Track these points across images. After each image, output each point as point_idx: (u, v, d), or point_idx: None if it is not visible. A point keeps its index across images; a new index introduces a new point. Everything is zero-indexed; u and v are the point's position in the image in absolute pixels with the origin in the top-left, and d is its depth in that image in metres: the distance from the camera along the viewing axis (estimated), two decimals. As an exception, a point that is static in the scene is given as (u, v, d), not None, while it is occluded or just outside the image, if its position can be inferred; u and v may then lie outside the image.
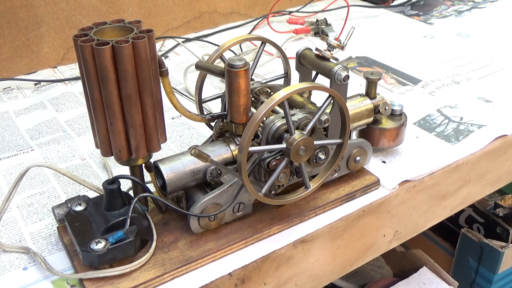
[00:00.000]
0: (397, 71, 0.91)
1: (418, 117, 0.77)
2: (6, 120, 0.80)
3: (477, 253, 1.03)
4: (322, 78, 0.60)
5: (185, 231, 0.55)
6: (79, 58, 0.47)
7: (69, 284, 0.51)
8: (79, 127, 0.78)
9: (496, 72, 0.90)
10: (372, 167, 0.64)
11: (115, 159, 0.51)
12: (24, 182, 0.65)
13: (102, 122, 0.49)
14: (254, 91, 0.60)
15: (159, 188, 0.54)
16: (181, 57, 1.01)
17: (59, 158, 0.70)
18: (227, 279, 0.52)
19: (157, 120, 0.51)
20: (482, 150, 0.69)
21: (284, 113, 0.50)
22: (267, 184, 0.52)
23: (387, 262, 1.08)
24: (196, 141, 0.73)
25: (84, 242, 0.49)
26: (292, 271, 0.57)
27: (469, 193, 0.72)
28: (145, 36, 0.46)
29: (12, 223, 0.59)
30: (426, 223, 0.69)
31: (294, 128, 0.50)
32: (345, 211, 0.59)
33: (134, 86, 0.47)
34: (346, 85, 0.57)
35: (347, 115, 0.54)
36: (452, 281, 0.97)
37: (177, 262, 0.51)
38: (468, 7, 1.21)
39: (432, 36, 1.06)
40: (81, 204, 0.53)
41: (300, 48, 0.62)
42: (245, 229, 0.55)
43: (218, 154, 0.54)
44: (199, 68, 0.58)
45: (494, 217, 1.06)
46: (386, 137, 0.65)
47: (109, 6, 1.00)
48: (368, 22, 1.15)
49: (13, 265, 0.53)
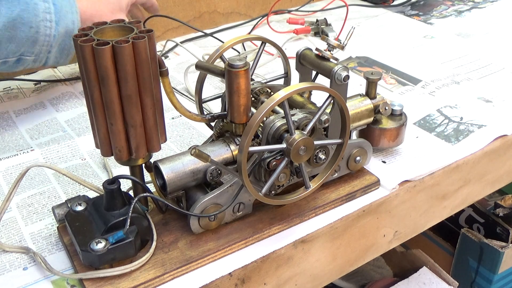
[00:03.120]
0: (397, 71, 0.91)
1: (418, 117, 0.77)
2: (6, 120, 0.80)
3: (477, 253, 1.03)
4: (322, 78, 0.60)
5: (185, 231, 0.55)
6: (79, 58, 0.47)
7: (69, 284, 0.51)
8: (79, 127, 0.78)
9: (496, 72, 0.90)
10: (372, 167, 0.64)
11: (115, 159, 0.51)
12: (24, 182, 0.65)
13: (102, 122, 0.49)
14: (254, 91, 0.60)
15: (159, 188, 0.54)
16: (181, 57, 1.01)
17: (59, 158, 0.70)
18: (227, 279, 0.52)
19: (157, 120, 0.51)
20: (482, 150, 0.69)
21: (284, 113, 0.50)
22: (267, 184, 0.52)
23: (387, 262, 1.08)
24: (196, 141, 0.73)
25: (84, 242, 0.49)
26: (292, 271, 0.57)
27: (469, 193, 0.72)
28: (145, 36, 0.46)
29: (12, 223, 0.59)
30: (426, 223, 0.69)
31: (294, 128, 0.51)
32: (345, 211, 0.59)
33: (134, 86, 0.47)
34: (346, 85, 0.57)
35: (347, 115, 0.54)
36: (452, 281, 0.97)
37: (177, 262, 0.51)
38: (468, 7, 1.21)
39: (432, 36, 1.06)
40: (81, 204, 0.53)
41: (300, 48, 0.62)
42: (245, 229, 0.55)
43: (218, 154, 0.54)
44: (199, 68, 0.58)
45: (494, 217, 1.06)
46: (386, 137, 0.65)
47: (109, 6, 1.00)
48: (368, 22, 1.15)
49: (13, 265, 0.53)
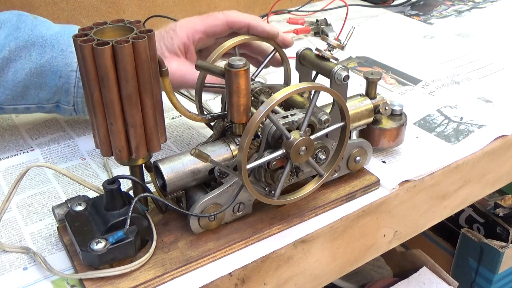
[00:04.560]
0: (397, 71, 0.91)
1: (418, 117, 0.77)
2: (6, 120, 0.80)
3: (477, 253, 1.03)
4: (322, 78, 0.60)
5: (185, 231, 0.55)
6: (79, 58, 0.47)
7: (69, 284, 0.51)
8: (79, 127, 0.78)
9: (496, 72, 0.90)
10: (372, 167, 0.64)
11: (115, 159, 0.51)
12: (24, 182, 0.65)
13: (102, 122, 0.49)
14: (254, 91, 0.60)
15: (159, 188, 0.54)
16: (181, 57, 1.01)
17: (59, 158, 0.70)
18: (227, 279, 0.52)
19: (157, 120, 0.51)
20: (482, 150, 0.69)
21: (272, 122, 0.50)
22: (278, 187, 0.52)
23: (387, 262, 1.08)
24: (196, 141, 0.73)
25: (84, 242, 0.49)
26: (292, 271, 0.57)
27: (469, 193, 0.72)
28: (145, 36, 0.46)
29: (12, 223, 0.59)
30: (426, 223, 0.69)
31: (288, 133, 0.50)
32: (345, 211, 0.59)
33: (134, 86, 0.47)
34: (346, 85, 0.57)
35: (347, 115, 0.54)
36: (452, 281, 0.97)
37: (177, 262, 0.51)
38: (468, 7, 1.21)
39: (432, 36, 1.06)
40: (81, 204, 0.53)
41: (300, 48, 0.62)
42: (245, 229, 0.55)
43: (218, 154, 0.54)
44: (199, 68, 0.58)
45: (494, 217, 1.06)
46: (386, 137, 0.65)
47: (109, 6, 1.00)
48: (368, 22, 1.15)
49: (13, 265, 0.53)
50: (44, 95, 0.67)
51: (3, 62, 0.64)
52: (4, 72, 0.65)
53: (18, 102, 0.67)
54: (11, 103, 0.67)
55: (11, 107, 0.68)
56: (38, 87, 0.66)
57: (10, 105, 0.67)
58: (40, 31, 0.65)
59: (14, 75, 0.65)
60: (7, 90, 0.66)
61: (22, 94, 0.66)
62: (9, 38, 0.64)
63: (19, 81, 0.65)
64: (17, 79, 0.65)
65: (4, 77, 0.65)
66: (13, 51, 0.64)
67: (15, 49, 0.64)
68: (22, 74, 0.65)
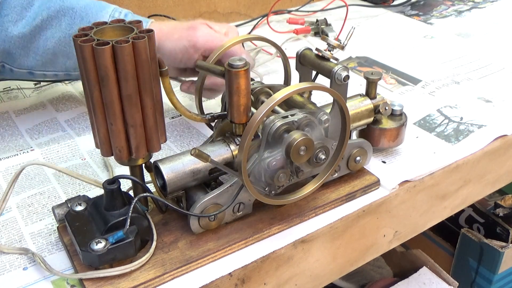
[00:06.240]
0: (397, 71, 0.91)
1: (418, 117, 0.77)
2: (6, 120, 0.80)
3: (477, 253, 1.03)
4: (322, 78, 0.60)
5: (185, 231, 0.55)
6: (79, 58, 0.47)
7: (69, 284, 0.51)
8: (79, 127, 0.78)
9: (496, 72, 0.90)
10: (372, 167, 0.64)
11: (115, 159, 0.51)
12: (24, 182, 0.65)
13: (102, 122, 0.49)
14: (254, 91, 0.60)
15: (159, 188, 0.54)
16: (181, 57, 1.01)
17: (59, 158, 0.70)
18: (227, 279, 0.52)
19: (157, 120, 0.51)
20: (482, 150, 0.69)
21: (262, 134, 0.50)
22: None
23: (387, 262, 1.08)
24: (196, 141, 0.73)
25: (84, 242, 0.49)
26: (292, 271, 0.57)
27: (469, 193, 0.72)
28: (145, 36, 0.46)
29: (12, 223, 0.59)
30: (426, 223, 0.69)
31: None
32: (345, 211, 0.59)
33: (134, 86, 0.47)
34: (346, 85, 0.57)
35: (347, 115, 0.54)
36: (452, 281, 0.97)
37: (177, 262, 0.51)
38: (468, 7, 1.21)
39: (432, 36, 1.06)
40: (81, 204, 0.53)
41: (300, 48, 0.62)
42: (245, 229, 0.55)
43: (218, 154, 0.54)
44: (199, 68, 0.58)
45: (494, 217, 1.06)
46: (386, 137, 0.65)
47: (109, 6, 1.00)
48: (368, 22, 1.15)
49: (13, 265, 0.53)
50: (71, 64, 0.71)
51: (35, 30, 0.68)
52: (36, 39, 0.69)
53: (47, 69, 0.72)
54: (40, 69, 0.72)
55: (40, 73, 0.73)
56: (66, 56, 0.70)
57: (40, 70, 0.72)
58: (70, 3, 0.69)
59: (45, 43, 0.69)
60: (37, 56, 0.70)
61: (51, 61, 0.70)
62: (42, 8, 0.68)
63: (49, 49, 0.69)
64: (47, 47, 0.69)
65: (36, 43, 0.69)
66: (45, 20, 0.68)
67: (46, 18, 0.68)
68: (52, 42, 0.69)
